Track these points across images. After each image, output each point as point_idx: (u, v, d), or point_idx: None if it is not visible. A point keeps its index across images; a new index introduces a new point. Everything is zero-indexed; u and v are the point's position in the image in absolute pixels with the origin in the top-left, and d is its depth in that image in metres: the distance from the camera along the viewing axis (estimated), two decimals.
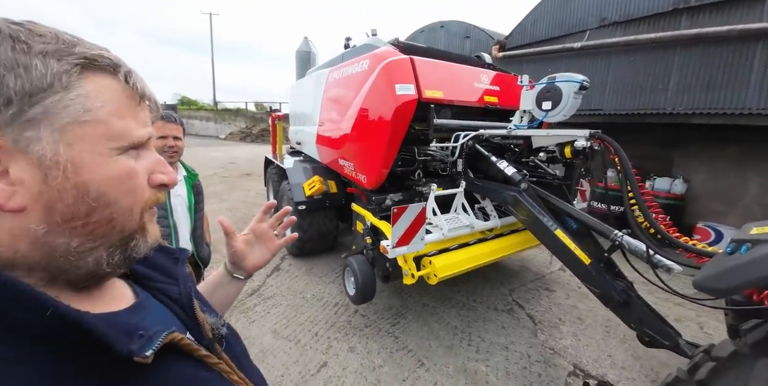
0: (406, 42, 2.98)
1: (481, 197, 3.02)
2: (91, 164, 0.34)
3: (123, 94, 0.37)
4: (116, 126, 0.35)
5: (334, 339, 2.65)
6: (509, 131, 2.48)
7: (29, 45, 0.32)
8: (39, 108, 0.31)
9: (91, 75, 0.34)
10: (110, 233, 0.36)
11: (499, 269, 3.91)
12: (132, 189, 0.37)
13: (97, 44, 0.37)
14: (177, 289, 0.50)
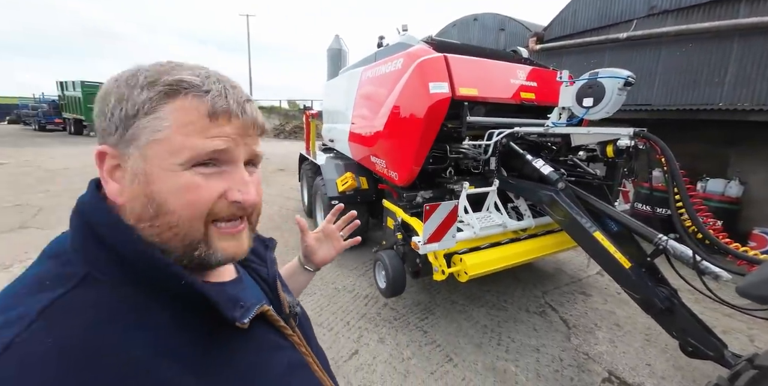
0: (439, 39, 2.97)
1: (515, 196, 2.96)
2: (158, 176, 0.39)
3: (194, 113, 0.39)
4: (178, 142, 0.39)
5: (365, 329, 2.74)
6: (546, 129, 2.41)
7: (137, 80, 0.40)
8: (131, 131, 0.39)
9: (171, 99, 0.39)
10: (174, 239, 0.41)
11: (532, 271, 3.82)
12: (191, 202, 0.40)
13: (198, 66, 0.43)
14: (266, 270, 0.59)
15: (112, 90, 0.40)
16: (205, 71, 0.42)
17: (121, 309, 0.37)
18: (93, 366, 0.32)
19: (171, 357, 0.37)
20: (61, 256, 0.40)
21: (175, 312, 0.40)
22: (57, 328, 0.33)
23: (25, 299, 0.35)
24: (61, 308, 0.35)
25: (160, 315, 0.39)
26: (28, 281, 0.38)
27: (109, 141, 0.40)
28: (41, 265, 0.40)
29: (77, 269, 0.38)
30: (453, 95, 2.47)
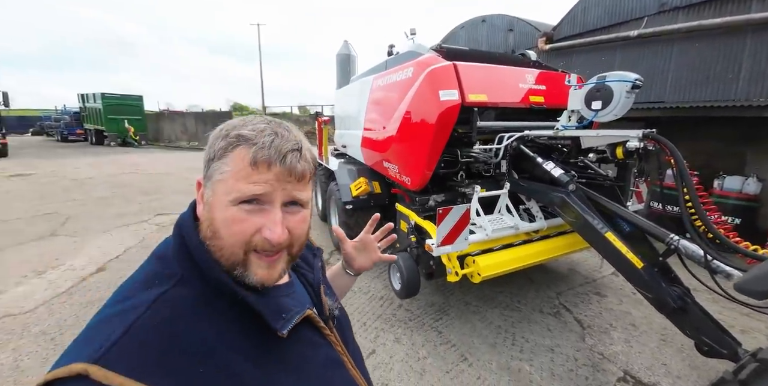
0: (448, 46, 3.04)
1: (527, 198, 3.01)
2: (217, 208, 0.50)
3: (245, 162, 0.48)
4: (230, 185, 0.49)
5: (381, 330, 2.82)
6: (556, 132, 2.46)
7: (221, 132, 0.52)
8: (209, 170, 0.51)
9: (232, 149, 0.49)
10: (222, 258, 0.50)
11: (545, 272, 3.84)
12: (234, 232, 0.49)
13: (266, 120, 0.53)
14: (312, 276, 0.68)
15: (210, 137, 0.53)
16: (264, 126, 0.52)
17: (202, 306, 0.48)
18: (182, 345, 0.44)
19: (234, 346, 0.47)
20: (164, 258, 0.53)
21: (236, 312, 0.50)
22: (161, 315, 0.45)
23: (139, 292, 0.48)
24: (164, 301, 0.46)
25: (226, 314, 0.49)
26: (142, 276, 0.51)
27: (203, 174, 0.53)
28: (150, 263, 0.53)
29: (175, 271, 0.50)
30: (463, 102, 2.54)
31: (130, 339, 0.41)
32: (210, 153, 0.51)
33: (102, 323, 0.45)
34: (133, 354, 0.40)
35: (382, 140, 3.32)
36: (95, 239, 4.75)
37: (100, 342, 0.41)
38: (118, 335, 0.41)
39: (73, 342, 0.44)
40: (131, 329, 0.42)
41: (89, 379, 0.38)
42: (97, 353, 0.40)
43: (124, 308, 0.45)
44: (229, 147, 0.49)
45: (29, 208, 6.34)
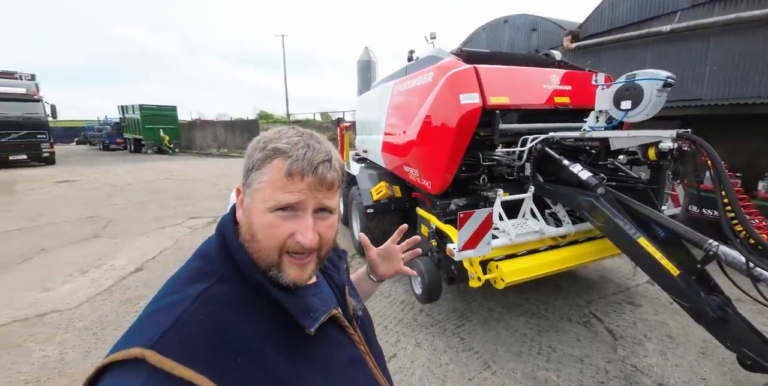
0: (469, 50, 3.03)
1: (553, 202, 2.92)
2: (255, 213, 0.54)
3: (281, 173, 0.53)
4: (268, 194, 0.53)
5: (402, 334, 2.81)
6: (583, 133, 2.38)
7: (258, 144, 0.56)
8: (248, 179, 0.56)
9: (269, 161, 0.54)
10: (259, 259, 0.54)
11: (575, 279, 3.70)
12: (270, 236, 0.53)
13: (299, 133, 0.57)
14: (338, 277, 0.72)
15: (248, 148, 0.58)
16: (298, 139, 0.56)
17: (240, 302, 0.53)
18: (223, 338, 0.48)
19: (268, 342, 0.51)
20: (206, 257, 0.57)
21: (270, 310, 0.54)
22: (205, 309, 0.50)
23: (185, 287, 0.53)
24: (207, 296, 0.51)
25: (262, 312, 0.53)
26: (186, 273, 0.56)
27: (242, 182, 0.58)
28: (195, 261, 0.58)
29: (217, 268, 0.55)
30: (484, 104, 2.52)
31: (179, 329, 0.46)
32: (249, 163, 0.56)
33: (154, 314, 0.49)
34: (181, 343, 0.45)
35: (402, 144, 3.34)
36: (134, 241, 5.04)
37: (154, 331, 0.45)
38: (168, 325, 0.46)
39: (128, 330, 0.49)
40: (179, 320, 0.47)
41: (145, 362, 0.43)
42: (152, 340, 0.44)
43: (172, 301, 0.50)
44: (266, 159, 0.54)
45: (74, 212, 6.82)
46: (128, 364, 0.43)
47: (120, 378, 0.43)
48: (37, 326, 3.02)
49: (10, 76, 14.44)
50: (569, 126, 2.84)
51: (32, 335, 2.88)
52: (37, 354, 2.62)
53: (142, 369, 0.42)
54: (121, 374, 0.43)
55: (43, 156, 14.47)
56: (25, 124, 13.84)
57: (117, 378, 0.43)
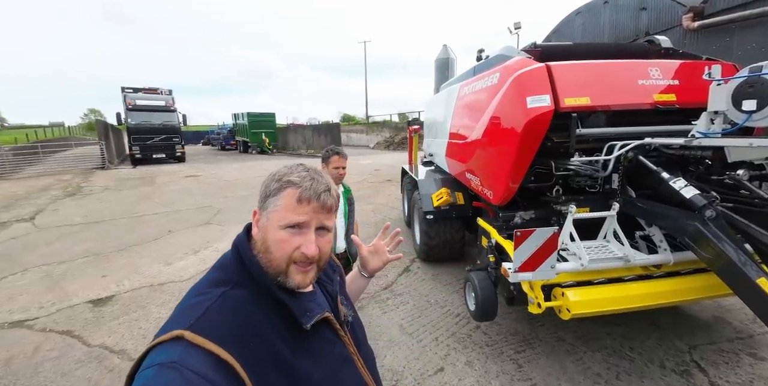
0: (545, 44, 2.68)
1: (647, 222, 2.40)
2: (270, 230, 0.68)
3: (293, 199, 0.67)
4: (282, 215, 0.67)
5: (453, 349, 2.69)
6: (689, 141, 1.89)
7: (274, 176, 0.71)
8: (265, 203, 0.70)
9: (284, 190, 0.68)
10: (270, 268, 0.68)
11: (678, 316, 3.00)
12: (281, 249, 0.67)
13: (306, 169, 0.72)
14: (332, 288, 0.83)
15: (266, 179, 0.72)
16: (306, 174, 0.71)
17: (252, 302, 0.65)
18: (241, 326, 0.61)
19: (275, 333, 0.63)
20: (224, 268, 0.71)
21: (276, 309, 0.66)
22: (226, 304, 0.63)
23: (209, 289, 0.66)
24: (226, 296, 0.64)
25: (269, 310, 0.66)
26: (206, 282, 0.69)
27: (258, 206, 0.72)
28: (213, 273, 0.71)
29: (232, 277, 0.68)
30: (557, 107, 2.20)
31: (208, 317, 0.60)
32: (266, 192, 0.70)
33: (186, 309, 0.63)
34: (210, 326, 0.59)
35: (465, 150, 3.15)
36: (235, 228, 5.76)
37: (189, 319, 0.59)
38: (200, 313, 0.60)
39: (170, 320, 0.62)
40: (207, 311, 0.61)
41: (184, 339, 0.56)
42: (188, 323, 0.58)
43: (201, 300, 0.63)
44: (281, 188, 0.69)
45: (195, 201, 8.32)
46: (170, 342, 0.57)
47: (164, 351, 0.56)
48: (158, 292, 3.80)
49: (154, 92, 18.54)
50: (674, 130, 2.30)
51: (154, 299, 3.63)
52: (155, 315, 3.29)
53: (179, 345, 0.56)
54: (165, 348, 0.56)
55: (177, 155, 18.14)
56: (164, 129, 17.64)
57: (161, 350, 0.56)
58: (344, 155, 2.31)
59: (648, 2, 5.71)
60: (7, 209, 8.00)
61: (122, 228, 6.28)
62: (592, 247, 2.32)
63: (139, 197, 9.13)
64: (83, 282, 4.08)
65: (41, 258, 4.87)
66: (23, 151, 15.89)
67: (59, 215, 7.30)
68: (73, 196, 9.43)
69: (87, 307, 3.51)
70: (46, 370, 2.59)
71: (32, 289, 3.95)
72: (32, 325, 3.21)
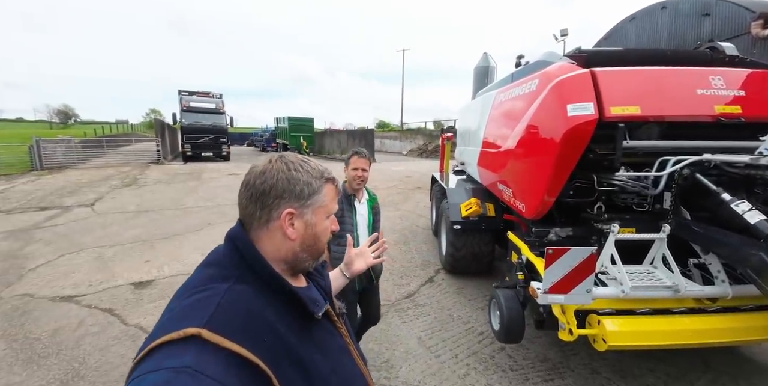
0: (591, 49, 2.50)
1: (703, 249, 2.14)
2: (319, 223, 0.72)
3: (333, 192, 0.74)
4: (329, 207, 0.74)
5: (473, 369, 2.55)
6: (756, 158, 1.65)
7: (311, 173, 0.71)
8: (311, 200, 0.70)
9: (326, 184, 0.73)
10: (316, 253, 0.74)
11: (734, 357, 2.64)
12: (326, 234, 0.75)
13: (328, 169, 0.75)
14: (323, 282, 0.84)
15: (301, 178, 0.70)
16: (323, 167, 0.75)
17: (258, 296, 0.63)
18: (253, 320, 0.60)
19: (284, 324, 0.63)
20: (219, 264, 0.67)
21: (283, 302, 0.66)
22: (237, 299, 0.61)
23: (213, 284, 0.62)
24: (233, 291, 0.61)
25: (275, 302, 0.64)
26: (198, 280, 0.65)
27: (296, 206, 0.69)
28: (204, 270, 0.68)
29: (232, 273, 0.65)
30: (601, 117, 2.03)
31: (221, 313, 0.57)
32: (310, 190, 0.70)
33: (192, 306, 0.59)
34: (226, 323, 0.56)
35: (498, 159, 3.01)
36: None
37: (202, 315, 0.55)
38: (213, 310, 0.56)
39: (168, 319, 0.58)
40: (219, 307, 0.57)
41: (202, 338, 0.52)
42: (204, 321, 0.54)
43: (206, 295, 0.60)
44: (324, 184, 0.73)
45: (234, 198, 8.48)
46: (179, 342, 0.52)
47: (174, 352, 0.51)
48: None
49: (206, 95, 19.98)
50: (739, 146, 2.04)
51: None
52: None
53: (191, 345, 0.51)
54: (174, 349, 0.51)
55: (223, 154, 19.29)
56: (213, 130, 18.88)
57: (170, 351, 0.51)
58: (364, 154, 2.11)
59: (712, 7, 5.14)
60: (72, 194, 8.90)
61: (168, 218, 6.74)
62: (636, 273, 2.10)
63: (186, 190, 9.78)
64: (128, 265, 4.40)
65: (95, 241, 5.34)
66: (91, 144, 17.68)
67: (116, 203, 8.00)
68: (129, 186, 10.30)
69: (129, 289, 3.78)
70: (86, 344, 2.81)
71: (84, 268, 4.32)
72: (80, 301, 3.51)
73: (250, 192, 0.68)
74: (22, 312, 3.29)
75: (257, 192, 0.67)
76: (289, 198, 0.68)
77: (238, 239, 0.68)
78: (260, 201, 0.67)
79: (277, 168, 0.69)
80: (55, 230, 5.91)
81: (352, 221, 2.13)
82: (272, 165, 0.69)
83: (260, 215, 0.68)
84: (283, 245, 0.69)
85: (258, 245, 0.68)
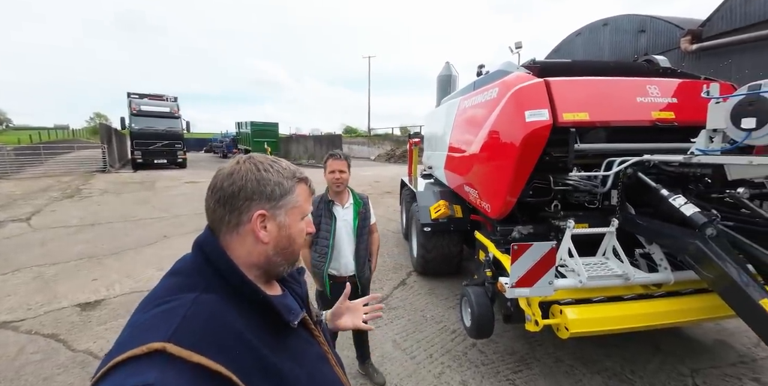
0: (544, 61, 2.72)
1: (647, 240, 2.37)
2: (293, 224, 0.69)
3: (306, 192, 0.72)
4: (303, 207, 0.71)
5: (447, 367, 2.60)
6: (689, 158, 1.88)
7: (281, 173, 0.68)
8: (283, 200, 0.67)
9: (299, 184, 0.70)
10: (291, 256, 0.71)
11: (679, 338, 2.92)
12: (302, 236, 0.72)
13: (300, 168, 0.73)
14: (300, 289, 0.81)
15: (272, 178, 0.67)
16: (294, 167, 0.73)
17: (228, 306, 0.60)
18: (223, 332, 0.56)
19: (256, 335, 0.59)
20: (185, 273, 0.64)
21: (255, 311, 0.62)
22: (203, 310, 0.57)
23: (176, 295, 0.58)
24: (200, 301, 0.58)
25: (247, 311, 0.61)
26: (162, 290, 0.61)
27: (267, 208, 0.66)
28: (169, 278, 0.64)
29: (198, 281, 0.61)
30: (555, 122, 2.21)
31: (187, 325, 0.53)
32: (281, 190, 0.67)
33: (156, 317, 0.55)
34: (192, 335, 0.52)
35: (463, 162, 3.15)
36: None
37: (166, 329, 0.51)
38: (177, 322, 0.53)
39: (129, 334, 0.54)
40: (185, 318, 0.54)
41: (166, 352, 0.49)
42: (168, 335, 0.50)
43: (171, 306, 0.56)
44: (296, 184, 0.70)
45: (193, 208, 8.24)
46: (142, 358, 0.48)
47: (135, 369, 0.47)
48: None
49: (159, 98, 18.84)
50: (674, 148, 2.30)
51: None
52: None
53: (155, 360, 0.48)
54: (136, 366, 0.47)
55: (178, 161, 18.20)
56: (167, 135, 17.79)
57: (131, 369, 0.47)
58: (339, 155, 2.02)
59: (647, 25, 5.86)
60: (4, 208, 7.96)
61: (118, 232, 6.22)
62: (591, 264, 2.28)
63: (137, 201, 9.10)
64: (74, 285, 4.01)
65: (34, 259, 4.81)
66: (25, 152, 15.98)
67: (56, 217, 7.26)
68: (71, 198, 9.40)
69: (75, 310, 3.43)
70: (28, 373, 2.51)
71: (22, 290, 3.88)
72: (18, 326, 3.13)
73: (218, 195, 0.64)
74: None
75: (225, 195, 0.64)
76: (260, 200, 0.65)
77: (206, 244, 0.65)
78: (229, 204, 0.64)
79: (245, 169, 0.65)
80: None
81: (330, 228, 2.07)
82: (240, 166, 0.66)
83: (229, 219, 0.64)
84: (255, 249, 0.65)
85: (229, 251, 0.64)
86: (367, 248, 2.25)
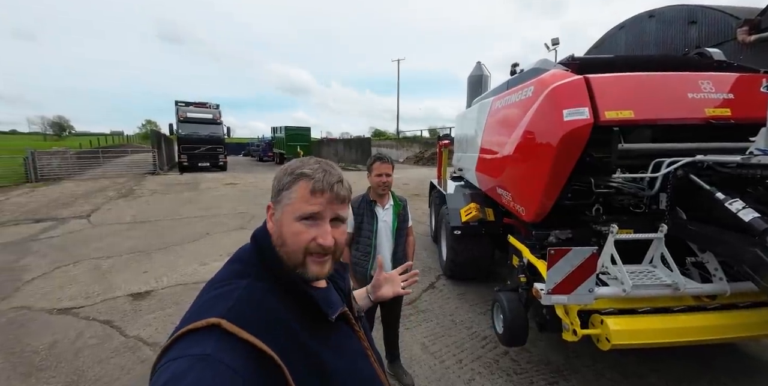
0: (584, 57, 2.59)
1: (700, 248, 2.18)
2: (286, 223, 0.67)
3: (307, 190, 0.67)
4: (298, 206, 0.67)
5: (478, 373, 2.55)
6: (747, 158, 1.72)
7: (287, 170, 0.71)
8: (280, 196, 0.69)
9: (298, 181, 0.68)
10: (289, 260, 0.67)
11: (734, 357, 2.66)
12: (297, 241, 0.66)
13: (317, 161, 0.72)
14: (343, 284, 0.84)
15: (278, 173, 0.72)
16: (318, 166, 0.71)
17: (273, 293, 0.65)
18: (268, 315, 0.61)
19: (297, 323, 0.63)
20: (242, 261, 0.70)
21: (297, 301, 0.66)
22: (253, 294, 0.63)
23: (233, 280, 0.65)
24: (251, 286, 0.64)
25: (289, 300, 0.65)
26: (226, 274, 0.68)
27: (272, 200, 0.72)
28: (231, 265, 0.71)
29: (253, 269, 0.67)
30: (596, 121, 2.10)
31: (240, 306, 0.59)
32: (279, 185, 0.70)
33: (215, 298, 0.62)
34: (243, 315, 0.58)
35: (496, 164, 3.07)
36: None
37: (222, 307, 0.58)
38: (232, 302, 0.59)
39: (192, 312, 0.61)
40: (238, 300, 0.60)
41: (221, 327, 0.55)
42: (223, 312, 0.57)
43: (228, 289, 0.63)
44: (294, 181, 0.68)
45: (232, 207, 8.74)
46: (202, 331, 0.55)
47: (196, 341, 0.54)
48: (192, 290, 3.96)
49: (203, 106, 20.06)
50: (730, 147, 2.11)
51: (188, 296, 3.78)
52: None
53: (213, 334, 0.54)
54: (197, 337, 0.54)
55: (219, 164, 19.28)
56: (210, 140, 18.91)
57: (193, 340, 0.54)
58: (387, 159, 2.11)
59: (698, 15, 5.37)
60: (67, 206, 8.82)
61: (165, 229, 6.68)
62: (636, 272, 2.14)
63: (183, 201, 9.72)
64: (126, 276, 4.36)
65: (92, 252, 5.28)
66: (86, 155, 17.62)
67: (112, 214, 7.93)
68: (125, 197, 10.23)
69: (127, 300, 3.73)
70: (85, 356, 2.76)
71: (81, 280, 4.27)
72: (78, 313, 3.45)
73: None
74: (19, 324, 3.24)
75: None
76: (272, 192, 0.72)
77: (258, 236, 0.72)
78: None
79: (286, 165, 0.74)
80: (51, 242, 5.85)
81: (372, 228, 2.12)
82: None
83: None
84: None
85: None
86: (404, 250, 2.28)
